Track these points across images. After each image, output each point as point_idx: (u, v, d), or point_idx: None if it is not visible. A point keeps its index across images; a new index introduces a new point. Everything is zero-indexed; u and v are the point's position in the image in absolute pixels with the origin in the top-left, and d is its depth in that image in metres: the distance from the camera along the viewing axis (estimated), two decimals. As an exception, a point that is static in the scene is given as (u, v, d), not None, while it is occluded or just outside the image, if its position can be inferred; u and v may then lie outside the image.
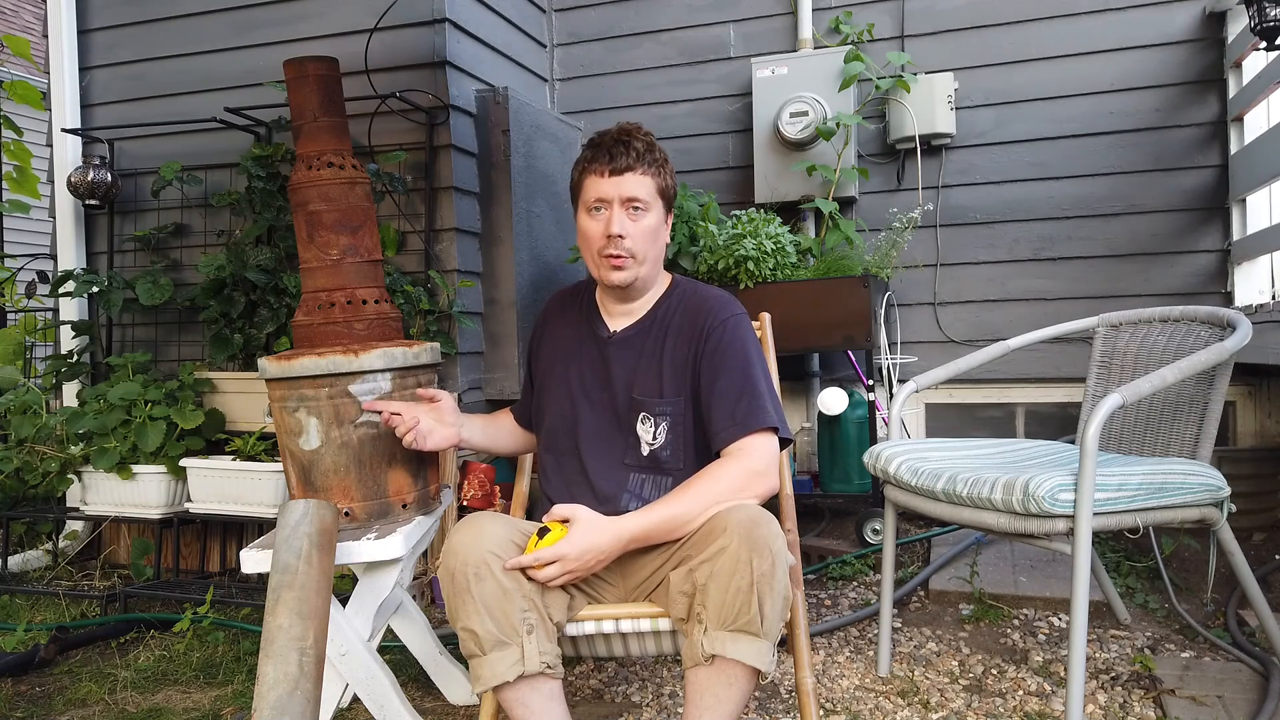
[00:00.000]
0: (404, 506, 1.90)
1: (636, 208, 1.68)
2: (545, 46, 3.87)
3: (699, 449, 1.69)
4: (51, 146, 3.53)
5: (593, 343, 1.79)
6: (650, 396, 1.71)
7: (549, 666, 1.48)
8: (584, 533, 1.52)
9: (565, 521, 1.54)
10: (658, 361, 1.72)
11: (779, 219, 3.13)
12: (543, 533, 1.52)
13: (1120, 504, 1.70)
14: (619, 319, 1.79)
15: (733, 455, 1.61)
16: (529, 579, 1.51)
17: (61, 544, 3.22)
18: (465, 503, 2.95)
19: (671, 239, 3.21)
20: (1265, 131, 2.86)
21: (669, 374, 1.70)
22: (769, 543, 1.43)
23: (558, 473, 1.77)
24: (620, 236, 1.67)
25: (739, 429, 1.61)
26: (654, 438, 1.70)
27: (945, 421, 3.50)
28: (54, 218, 3.54)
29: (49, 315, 3.85)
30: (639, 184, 1.68)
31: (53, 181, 3.53)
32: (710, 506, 1.54)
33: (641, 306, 1.79)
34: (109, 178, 3.33)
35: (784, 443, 1.67)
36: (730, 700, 1.45)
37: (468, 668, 2.07)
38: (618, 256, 1.68)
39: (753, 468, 1.59)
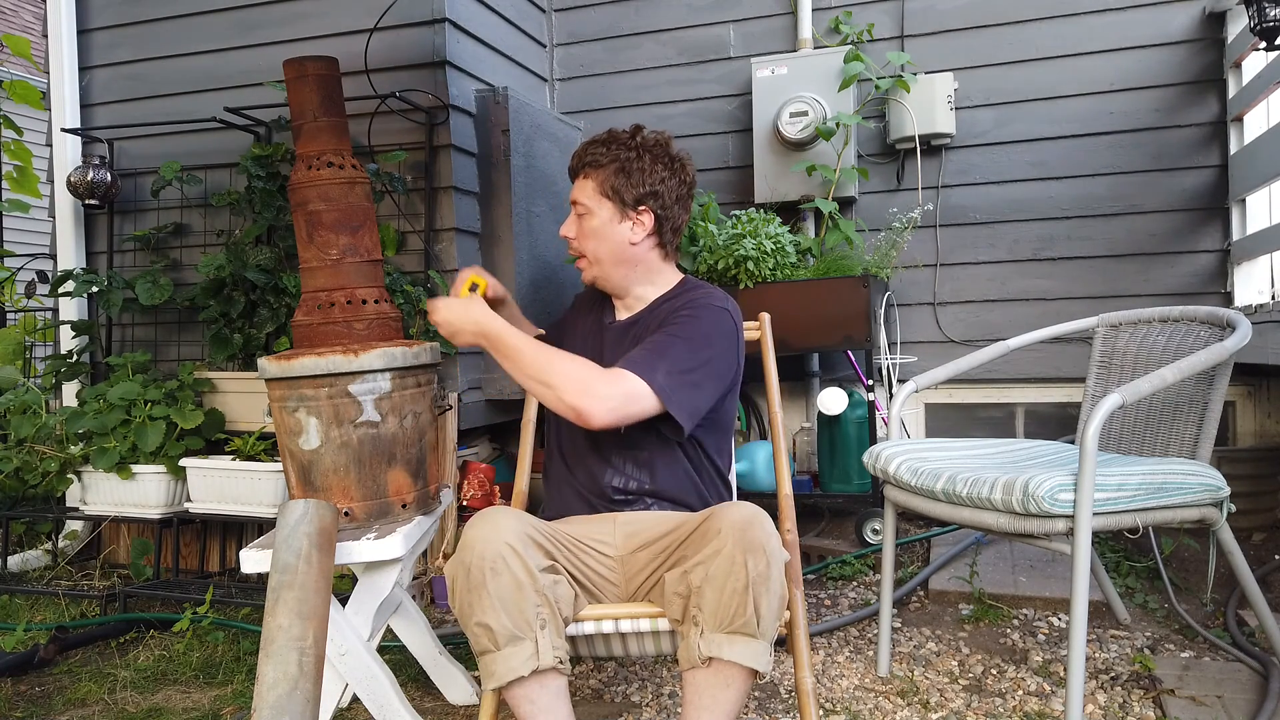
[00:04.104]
0: (404, 506, 1.90)
1: (579, 213, 1.82)
2: (545, 46, 3.87)
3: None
4: (51, 146, 3.53)
5: (598, 328, 1.89)
6: None
7: (560, 662, 1.48)
8: (460, 302, 1.73)
9: (474, 288, 1.88)
10: (635, 346, 1.76)
11: (779, 219, 3.13)
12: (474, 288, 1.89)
13: (1120, 504, 1.71)
14: (622, 310, 1.88)
15: (602, 370, 1.63)
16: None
17: (61, 544, 3.22)
18: (465, 503, 2.95)
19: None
20: (1265, 131, 2.86)
21: None
22: (763, 543, 1.43)
23: (557, 443, 1.88)
24: (568, 237, 1.85)
25: (626, 362, 1.64)
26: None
27: (945, 421, 3.50)
28: (54, 217, 3.54)
29: (49, 315, 3.85)
30: (580, 188, 1.82)
31: (52, 181, 3.53)
32: (543, 372, 1.60)
33: (637, 302, 1.85)
34: (109, 177, 3.33)
35: (676, 427, 1.64)
36: (728, 701, 1.45)
37: (468, 667, 2.08)
38: (578, 257, 1.85)
39: (597, 383, 1.59)
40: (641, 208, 1.78)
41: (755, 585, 1.41)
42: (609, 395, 1.58)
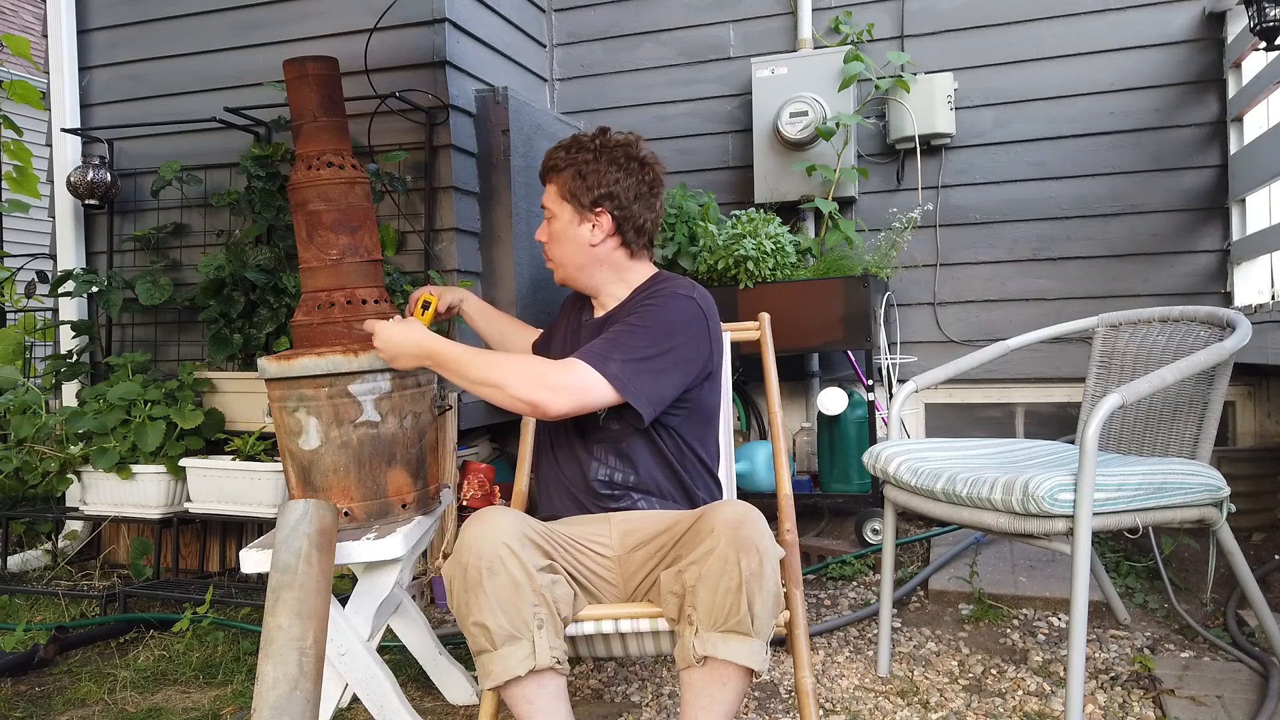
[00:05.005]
0: (403, 506, 1.90)
1: (548, 217, 1.87)
2: (545, 46, 3.87)
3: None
4: (51, 146, 3.53)
5: (576, 326, 1.93)
6: None
7: (558, 662, 1.48)
8: (398, 326, 1.72)
9: (426, 305, 1.96)
10: None
11: (779, 219, 3.13)
12: (426, 305, 1.97)
13: (1120, 504, 1.71)
14: (598, 308, 1.91)
15: (554, 361, 1.66)
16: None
17: (61, 544, 3.22)
18: (465, 503, 2.95)
19: (671, 239, 3.24)
20: (1265, 131, 2.86)
21: None
22: (756, 541, 1.43)
23: (548, 439, 1.89)
24: (541, 241, 1.90)
25: (580, 353, 1.66)
26: (604, 410, 1.73)
27: (945, 421, 3.50)
28: (53, 218, 3.54)
29: (49, 315, 3.85)
30: (546, 193, 1.87)
31: (52, 181, 3.53)
32: (489, 374, 1.61)
33: (611, 299, 1.88)
34: (109, 177, 3.33)
35: (637, 415, 1.64)
36: (725, 700, 1.46)
37: (468, 667, 2.08)
38: (548, 260, 1.90)
39: (548, 375, 1.61)
40: (598, 209, 1.80)
41: (749, 584, 1.41)
42: (560, 384, 1.60)
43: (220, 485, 2.84)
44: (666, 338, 1.69)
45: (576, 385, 1.60)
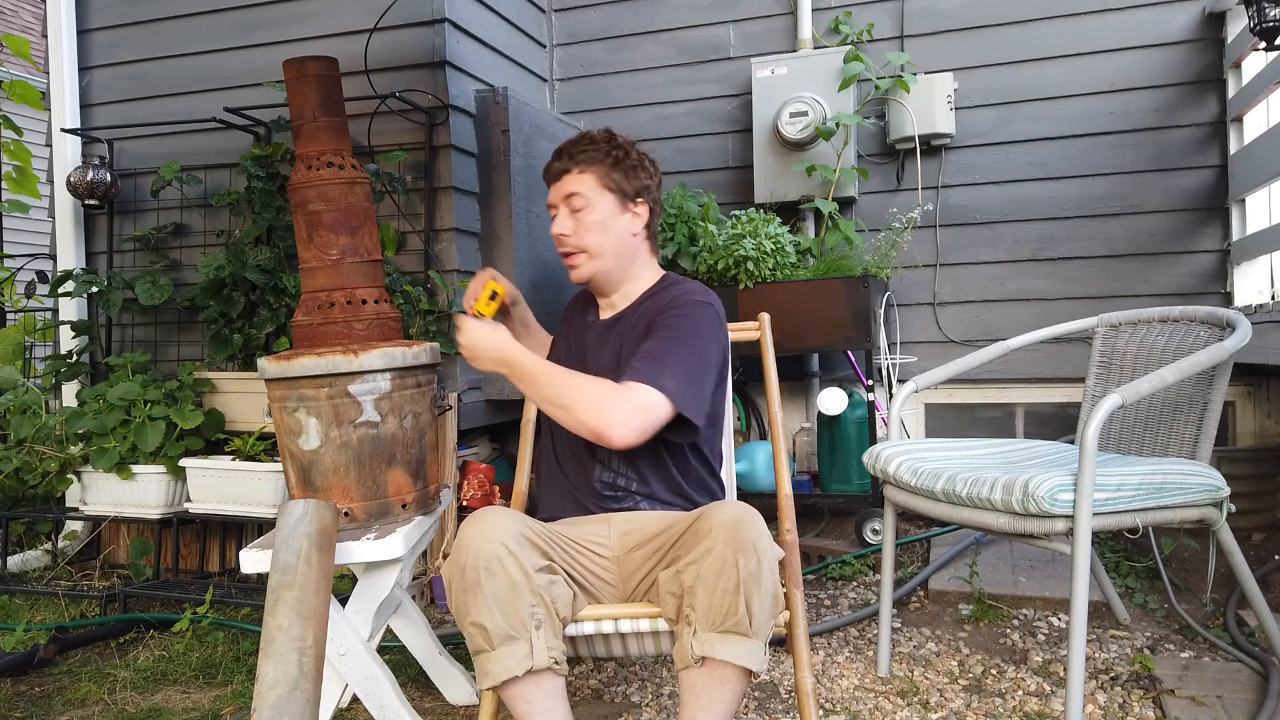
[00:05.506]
0: (403, 506, 1.90)
1: (576, 207, 1.79)
2: (545, 46, 3.87)
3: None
4: (51, 146, 3.53)
5: (581, 328, 1.91)
6: (608, 375, 1.73)
7: (556, 663, 1.48)
8: (485, 327, 1.69)
9: (494, 296, 1.83)
10: (620, 344, 1.78)
11: (778, 219, 3.13)
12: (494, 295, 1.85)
13: (1120, 504, 1.71)
14: (606, 310, 1.89)
15: (617, 386, 1.61)
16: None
17: (61, 544, 3.22)
18: (465, 503, 2.95)
19: (671, 239, 3.24)
20: (1265, 131, 2.86)
21: (626, 355, 1.75)
22: (754, 541, 1.43)
23: (550, 441, 1.88)
24: (563, 235, 1.80)
25: (632, 374, 1.62)
26: None
27: (945, 421, 3.50)
28: (53, 218, 3.54)
29: (48, 315, 3.85)
30: (575, 181, 1.80)
31: (52, 181, 3.53)
32: (559, 394, 1.60)
33: (623, 299, 1.86)
34: (108, 178, 3.33)
35: (691, 428, 1.64)
36: (723, 700, 1.46)
37: (467, 667, 2.08)
38: (567, 255, 1.82)
39: (612, 404, 1.57)
40: (639, 200, 1.81)
41: (746, 584, 1.41)
42: (626, 413, 1.56)
43: (220, 485, 2.84)
44: (700, 346, 1.71)
45: (640, 409, 1.58)
